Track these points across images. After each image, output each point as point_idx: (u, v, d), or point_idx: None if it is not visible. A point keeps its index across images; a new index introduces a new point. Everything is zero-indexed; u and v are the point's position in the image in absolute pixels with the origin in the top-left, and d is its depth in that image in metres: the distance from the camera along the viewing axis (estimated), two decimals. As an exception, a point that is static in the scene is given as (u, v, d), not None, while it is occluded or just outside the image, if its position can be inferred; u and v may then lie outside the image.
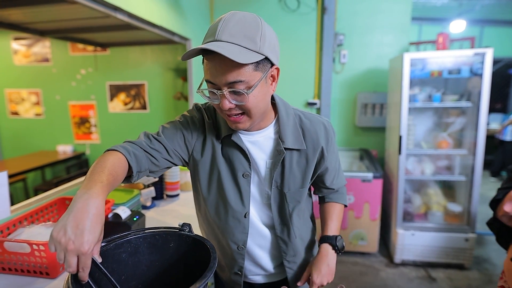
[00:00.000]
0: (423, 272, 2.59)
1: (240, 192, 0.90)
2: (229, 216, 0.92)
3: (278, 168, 0.89)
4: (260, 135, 0.89)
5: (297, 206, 0.94)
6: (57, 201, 1.27)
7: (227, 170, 0.90)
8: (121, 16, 1.77)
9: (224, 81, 0.72)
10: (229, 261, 0.99)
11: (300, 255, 1.02)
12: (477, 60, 2.33)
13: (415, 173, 2.65)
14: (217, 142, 0.90)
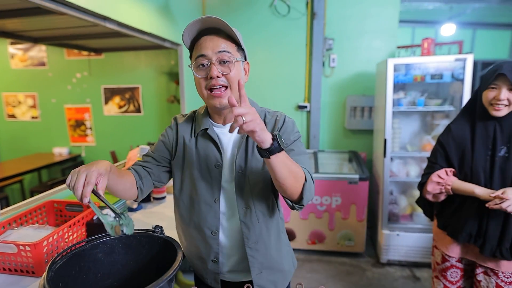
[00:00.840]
0: (408, 272, 2.66)
1: (211, 180, 1.00)
2: (201, 203, 1.01)
3: (242, 153, 0.98)
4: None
5: (260, 190, 1.00)
6: (46, 204, 1.34)
7: (200, 162, 1.01)
8: (111, 25, 1.84)
9: (216, 48, 0.90)
10: (206, 249, 1.04)
11: (263, 244, 1.04)
12: (458, 65, 2.40)
13: (400, 175, 2.72)
14: (192, 139, 1.03)
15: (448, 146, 1.41)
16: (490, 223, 1.32)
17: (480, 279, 1.40)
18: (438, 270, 1.53)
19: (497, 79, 1.27)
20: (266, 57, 3.42)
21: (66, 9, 1.51)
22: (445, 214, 1.47)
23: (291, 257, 1.19)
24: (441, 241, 1.50)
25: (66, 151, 3.89)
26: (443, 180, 1.38)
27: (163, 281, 0.67)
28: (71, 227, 1.17)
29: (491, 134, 1.32)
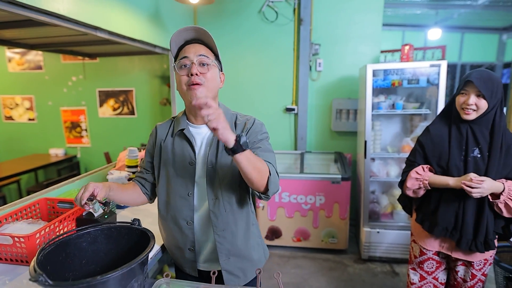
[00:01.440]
0: (388, 268, 2.79)
1: (185, 176, 1.14)
2: (176, 197, 1.15)
3: (213, 150, 1.12)
4: (205, 128, 1.15)
5: (227, 183, 1.13)
6: (39, 201, 1.46)
7: (175, 160, 1.15)
8: (102, 34, 1.96)
9: (197, 53, 1.07)
10: (183, 238, 1.17)
11: (230, 232, 1.15)
12: (433, 71, 2.53)
13: (381, 175, 2.85)
14: (168, 139, 1.17)
15: (427, 146, 1.52)
16: (466, 218, 1.42)
17: (458, 270, 1.53)
18: (415, 262, 1.65)
19: (466, 85, 1.40)
20: (255, 62, 3.54)
21: (58, 21, 1.63)
22: (423, 210, 1.58)
23: (262, 249, 1.31)
24: (419, 235, 1.62)
25: (62, 152, 4.00)
26: (420, 176, 1.50)
27: (135, 263, 0.79)
28: (62, 221, 1.29)
29: (464, 136, 1.43)
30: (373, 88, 2.67)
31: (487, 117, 1.40)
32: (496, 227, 1.43)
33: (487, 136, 1.41)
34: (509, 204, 1.34)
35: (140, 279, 0.85)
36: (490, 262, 1.51)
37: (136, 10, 2.31)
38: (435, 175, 1.49)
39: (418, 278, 1.64)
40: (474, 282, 1.51)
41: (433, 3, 4.74)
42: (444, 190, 1.47)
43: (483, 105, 1.37)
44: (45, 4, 1.51)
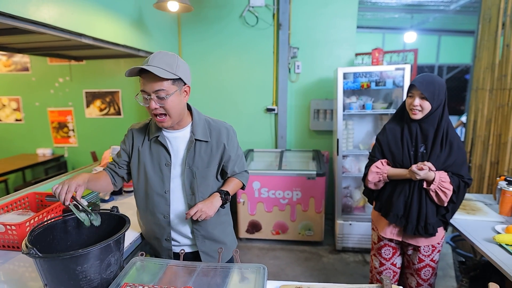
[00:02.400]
0: (360, 257, 2.99)
1: (162, 176, 1.30)
2: (154, 194, 1.31)
3: (191, 153, 1.30)
4: (180, 133, 1.31)
5: (204, 182, 1.31)
6: (29, 195, 1.59)
7: (152, 162, 1.31)
8: (86, 41, 2.10)
9: (152, 89, 1.14)
10: (160, 230, 1.35)
11: (205, 220, 1.31)
12: (399, 74, 2.73)
13: (353, 171, 3.04)
14: (145, 143, 1.32)
15: (383, 143, 1.70)
16: (412, 206, 1.60)
17: (409, 254, 1.72)
18: (375, 249, 1.82)
19: (412, 89, 1.58)
20: (236, 64, 3.71)
21: (44, 29, 1.76)
22: (380, 199, 1.76)
23: (233, 236, 1.51)
24: (376, 222, 1.80)
25: (50, 152, 4.09)
26: (380, 169, 1.66)
27: (112, 240, 0.95)
28: (49, 212, 1.43)
29: (414, 134, 1.61)
30: (345, 90, 2.86)
31: (432, 116, 1.57)
32: (438, 214, 1.61)
33: (432, 134, 1.59)
34: (439, 194, 1.53)
35: (117, 255, 1.01)
36: (439, 250, 1.68)
37: (119, 17, 2.45)
38: (393, 168, 1.66)
39: (378, 263, 1.81)
40: (422, 266, 1.68)
41: (408, 7, 4.98)
42: (397, 181, 1.65)
43: (427, 106, 1.54)
44: (32, 14, 1.64)
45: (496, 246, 1.52)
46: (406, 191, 1.63)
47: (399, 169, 1.64)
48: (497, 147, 2.64)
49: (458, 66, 7.08)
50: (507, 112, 2.51)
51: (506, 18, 2.55)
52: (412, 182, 1.59)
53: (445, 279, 2.64)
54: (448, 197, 1.53)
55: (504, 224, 1.75)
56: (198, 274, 1.03)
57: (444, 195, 1.53)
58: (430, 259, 1.67)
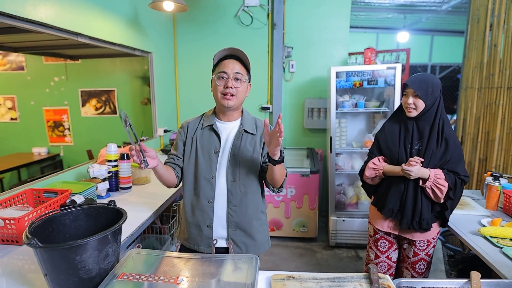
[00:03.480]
0: (353, 253, 3.05)
1: (210, 162, 1.40)
2: (202, 178, 1.40)
3: (238, 143, 1.40)
4: (231, 124, 1.44)
5: (245, 170, 1.39)
6: (26, 191, 1.62)
7: (203, 148, 1.42)
8: (82, 40, 2.12)
9: (234, 70, 1.34)
10: (203, 216, 1.41)
11: (241, 207, 1.39)
12: (390, 73, 2.79)
13: (346, 168, 3.10)
14: (198, 131, 1.44)
15: (381, 140, 1.76)
16: (407, 202, 1.66)
17: (405, 248, 1.78)
18: (371, 241, 1.88)
19: (406, 88, 1.64)
20: (232, 63, 3.74)
21: (41, 29, 1.78)
22: (377, 194, 1.82)
23: (266, 235, 1.53)
24: (373, 216, 1.85)
25: (45, 150, 4.10)
26: (376, 166, 1.73)
27: (109, 231, 0.98)
28: (47, 207, 1.46)
29: (410, 131, 1.66)
30: (338, 89, 2.92)
31: (428, 114, 1.62)
32: (433, 211, 1.67)
33: (428, 131, 1.63)
34: (435, 190, 1.58)
35: (114, 246, 1.05)
36: (434, 245, 1.74)
37: (115, 16, 2.48)
38: (389, 165, 1.72)
39: (374, 255, 1.87)
40: (417, 260, 1.74)
41: (401, 8, 5.05)
42: (393, 177, 1.70)
43: (421, 104, 1.60)
44: (29, 13, 1.67)
45: (482, 238, 1.58)
46: (401, 187, 1.68)
47: (394, 166, 1.70)
48: (485, 144, 2.72)
49: (451, 66, 7.18)
50: (495, 110, 2.58)
51: (493, 19, 2.62)
52: (407, 179, 1.64)
53: (436, 273, 2.71)
54: (444, 194, 1.58)
55: (490, 217, 1.81)
56: (193, 264, 1.07)
57: (440, 192, 1.57)
58: (425, 253, 1.73)
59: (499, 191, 1.90)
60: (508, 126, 2.43)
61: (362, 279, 1.07)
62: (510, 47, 2.42)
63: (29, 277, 1.14)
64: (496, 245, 1.50)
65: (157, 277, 0.99)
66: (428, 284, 1.10)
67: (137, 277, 0.99)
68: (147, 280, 0.98)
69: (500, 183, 1.90)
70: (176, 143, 1.49)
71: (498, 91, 2.55)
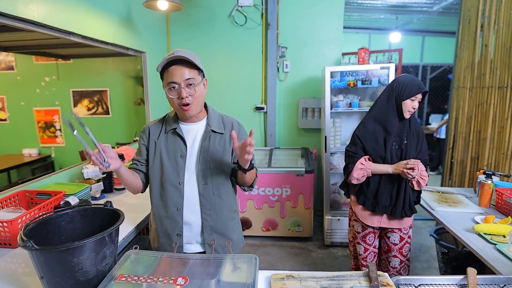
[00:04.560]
0: (348, 251, 3.06)
1: (177, 167, 1.33)
2: (169, 185, 1.33)
3: (206, 144, 1.34)
4: (196, 125, 1.37)
5: (217, 172, 1.34)
6: (19, 193, 1.59)
7: (168, 153, 1.34)
8: (75, 39, 2.09)
9: (183, 78, 1.22)
10: (172, 224, 1.35)
11: (216, 211, 1.34)
12: (384, 73, 2.81)
13: (340, 167, 3.11)
14: (162, 136, 1.36)
15: (365, 139, 1.77)
16: (399, 195, 1.76)
17: (389, 236, 1.86)
18: (359, 237, 1.91)
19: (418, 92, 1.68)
20: (226, 63, 3.74)
21: (33, 27, 1.75)
22: (364, 193, 1.83)
23: (241, 233, 1.52)
24: (361, 214, 1.86)
25: (36, 152, 4.03)
26: (364, 166, 1.75)
27: (106, 232, 0.97)
28: (41, 209, 1.44)
29: (393, 130, 1.72)
30: (332, 88, 2.93)
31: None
32: (413, 197, 1.81)
33: (407, 128, 1.75)
34: (420, 181, 1.72)
35: (111, 247, 1.03)
36: (411, 225, 1.87)
37: (108, 15, 2.45)
38: (376, 164, 1.76)
39: (363, 249, 1.91)
40: (403, 244, 1.86)
41: (393, 8, 5.10)
42: (381, 175, 1.76)
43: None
44: (20, 11, 1.63)
45: (475, 235, 1.60)
46: (392, 184, 1.75)
47: (382, 165, 1.75)
48: (477, 143, 2.76)
49: (442, 66, 7.27)
50: (486, 109, 2.62)
51: (484, 19, 2.66)
52: (396, 175, 1.72)
53: (430, 271, 2.74)
54: (426, 183, 1.74)
55: (483, 215, 1.84)
56: (192, 264, 1.07)
57: (423, 182, 1.73)
58: (407, 236, 1.86)
59: (491, 189, 1.93)
60: (499, 125, 2.47)
61: (361, 277, 1.07)
62: (501, 48, 2.46)
63: (23, 281, 1.12)
64: (490, 242, 1.52)
65: (156, 278, 0.98)
66: (426, 281, 1.11)
67: (136, 278, 0.98)
68: (146, 282, 0.97)
69: (492, 181, 1.93)
70: (139, 148, 1.40)
71: (489, 90, 2.59)
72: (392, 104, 1.73)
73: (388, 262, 1.90)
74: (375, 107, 1.81)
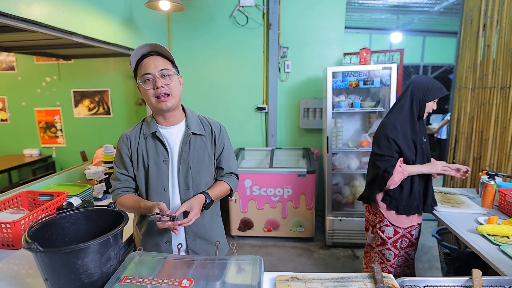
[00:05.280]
0: (349, 252, 3.06)
1: (161, 173, 1.29)
2: (153, 193, 1.29)
3: (187, 148, 1.30)
4: (175, 129, 1.32)
5: (198, 176, 1.31)
6: (21, 194, 1.59)
7: (150, 160, 1.29)
8: (77, 39, 2.09)
9: (157, 68, 1.20)
10: (159, 232, 1.31)
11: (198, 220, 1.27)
12: (386, 73, 2.81)
13: (342, 168, 3.11)
14: (141, 143, 1.30)
15: (401, 142, 1.75)
16: (428, 192, 1.84)
17: (413, 234, 1.92)
18: (390, 243, 1.89)
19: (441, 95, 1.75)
20: (227, 63, 3.73)
21: (36, 28, 1.74)
22: (396, 197, 1.83)
23: (224, 237, 1.50)
24: (395, 218, 1.85)
25: (37, 152, 4.03)
26: (402, 169, 1.75)
27: (111, 234, 0.96)
28: (44, 210, 1.43)
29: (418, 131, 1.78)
30: (334, 89, 2.93)
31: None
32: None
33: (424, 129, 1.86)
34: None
35: (116, 249, 1.03)
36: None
37: (110, 16, 2.44)
38: (410, 165, 1.78)
39: (392, 256, 1.90)
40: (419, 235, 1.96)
41: (394, 8, 5.09)
42: (413, 177, 1.80)
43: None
44: (23, 12, 1.63)
45: (479, 236, 1.60)
46: (419, 184, 1.83)
47: (415, 165, 1.79)
48: (479, 143, 2.75)
49: (442, 66, 7.27)
50: (488, 109, 2.61)
51: (486, 19, 2.66)
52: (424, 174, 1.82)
53: (432, 271, 2.74)
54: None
55: (486, 215, 1.84)
56: (196, 266, 1.06)
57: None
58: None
59: (494, 190, 1.93)
60: (501, 125, 2.47)
61: (367, 278, 1.07)
62: (503, 48, 2.45)
63: (27, 282, 1.12)
64: (493, 243, 1.51)
65: (161, 280, 0.98)
66: (431, 283, 1.11)
67: (140, 280, 0.98)
68: (151, 284, 0.96)
69: (495, 181, 1.92)
70: (122, 160, 1.30)
71: (492, 91, 2.59)
72: (416, 105, 1.76)
73: (408, 255, 1.97)
74: (401, 109, 1.79)
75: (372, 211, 1.96)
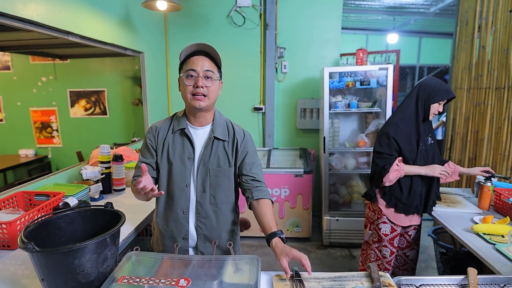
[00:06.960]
0: (346, 252, 3.07)
1: (184, 169, 1.29)
2: (175, 187, 1.29)
3: (208, 151, 1.30)
4: (201, 130, 1.32)
5: (216, 180, 1.30)
6: (17, 194, 1.58)
7: (176, 154, 1.30)
8: (73, 39, 2.08)
9: (203, 68, 1.22)
10: (178, 227, 1.31)
11: (210, 221, 1.30)
12: (382, 73, 2.82)
13: (339, 168, 3.12)
14: (169, 136, 1.32)
15: (402, 142, 1.77)
16: (430, 193, 1.85)
17: (411, 234, 1.95)
18: (386, 240, 1.91)
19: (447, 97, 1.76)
20: (224, 63, 3.66)
21: (32, 27, 1.74)
22: (396, 195, 1.85)
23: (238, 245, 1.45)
24: (393, 216, 1.89)
25: (32, 152, 4.00)
26: (398, 167, 1.78)
27: (108, 234, 0.96)
28: (40, 211, 1.42)
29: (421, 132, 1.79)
30: (331, 89, 2.94)
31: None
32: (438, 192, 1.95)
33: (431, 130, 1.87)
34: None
35: (113, 249, 1.03)
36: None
37: (107, 15, 2.44)
38: (408, 165, 1.79)
39: (389, 253, 1.92)
40: (418, 237, 2.00)
41: (390, 9, 5.12)
42: (413, 176, 1.81)
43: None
44: (19, 11, 1.62)
45: (474, 235, 1.61)
46: (422, 183, 1.83)
47: (413, 166, 1.79)
48: (475, 144, 2.78)
49: (438, 67, 7.32)
50: (483, 110, 2.63)
51: (481, 21, 2.68)
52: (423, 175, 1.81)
53: (428, 271, 2.75)
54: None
55: (481, 215, 1.85)
56: (194, 266, 1.06)
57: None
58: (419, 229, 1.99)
59: (491, 191, 1.94)
60: (496, 126, 2.49)
61: (363, 277, 1.08)
62: (498, 49, 2.47)
63: (23, 283, 1.11)
64: (489, 242, 1.53)
65: (158, 280, 0.97)
66: (427, 281, 1.12)
67: (137, 280, 0.97)
68: (148, 283, 0.96)
69: (492, 183, 1.93)
70: (147, 149, 1.33)
71: (487, 91, 2.61)
72: (421, 106, 1.77)
73: (406, 256, 1.99)
74: (405, 109, 1.81)
75: (372, 208, 1.98)
